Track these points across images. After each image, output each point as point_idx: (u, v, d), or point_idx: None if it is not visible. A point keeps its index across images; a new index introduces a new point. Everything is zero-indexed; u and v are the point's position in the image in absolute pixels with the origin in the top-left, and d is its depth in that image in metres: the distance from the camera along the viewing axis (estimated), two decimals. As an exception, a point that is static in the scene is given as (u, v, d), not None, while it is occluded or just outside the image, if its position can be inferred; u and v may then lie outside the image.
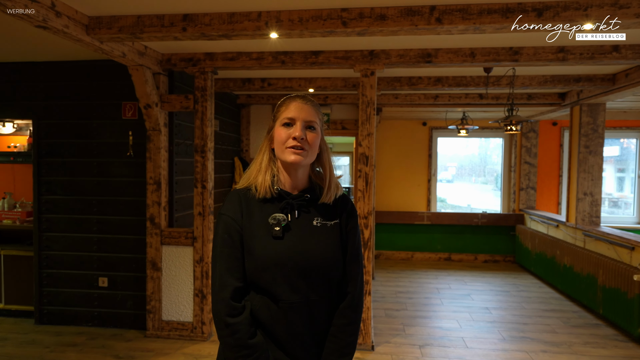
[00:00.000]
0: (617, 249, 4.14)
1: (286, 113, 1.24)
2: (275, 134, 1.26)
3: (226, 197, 1.30)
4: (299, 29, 2.59)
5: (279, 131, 1.25)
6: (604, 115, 4.80)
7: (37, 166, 3.94)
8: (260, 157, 1.29)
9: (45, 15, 2.34)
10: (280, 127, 1.25)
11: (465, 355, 3.45)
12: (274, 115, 1.30)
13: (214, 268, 1.22)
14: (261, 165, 1.27)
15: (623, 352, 3.55)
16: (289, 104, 1.26)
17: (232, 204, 1.25)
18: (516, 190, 6.81)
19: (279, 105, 1.29)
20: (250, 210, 1.23)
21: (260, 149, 1.31)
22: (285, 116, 1.24)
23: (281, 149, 1.24)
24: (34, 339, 3.65)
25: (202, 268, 3.66)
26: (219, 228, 1.24)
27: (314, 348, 1.24)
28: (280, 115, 1.26)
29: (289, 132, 1.23)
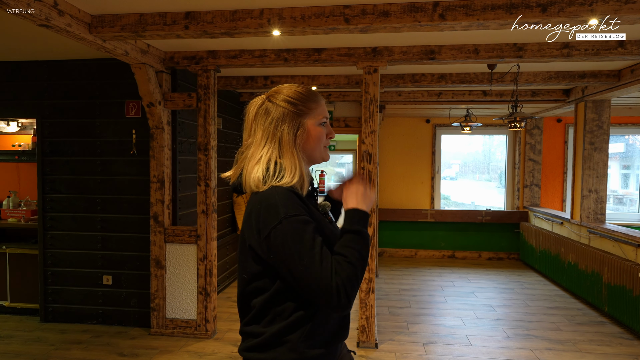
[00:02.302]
0: (623, 246, 4.12)
1: (322, 112, 1.24)
2: (315, 132, 1.22)
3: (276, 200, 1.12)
4: (301, 26, 2.58)
5: (318, 130, 1.23)
6: (609, 111, 4.76)
7: (41, 165, 3.96)
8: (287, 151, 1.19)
9: (48, 14, 2.34)
10: (317, 125, 1.23)
11: (469, 353, 3.44)
12: (297, 109, 1.20)
13: (312, 263, 1.08)
14: (299, 162, 1.20)
15: (628, 349, 3.53)
16: (320, 102, 1.24)
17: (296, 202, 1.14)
18: (520, 187, 6.78)
19: (305, 99, 1.22)
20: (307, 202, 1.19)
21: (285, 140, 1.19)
22: (323, 115, 1.24)
23: (319, 147, 1.24)
24: (39, 337, 3.68)
25: (205, 266, 3.67)
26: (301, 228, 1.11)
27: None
28: (313, 113, 1.22)
29: (326, 131, 1.25)
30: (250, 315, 1.19)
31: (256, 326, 1.18)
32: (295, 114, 1.20)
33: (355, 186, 1.22)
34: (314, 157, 1.25)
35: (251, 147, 1.21)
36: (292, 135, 1.20)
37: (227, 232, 5.29)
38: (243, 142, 1.25)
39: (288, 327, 1.14)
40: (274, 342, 1.15)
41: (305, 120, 1.21)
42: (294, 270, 1.08)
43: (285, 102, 1.20)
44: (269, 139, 1.19)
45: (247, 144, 1.23)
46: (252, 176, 1.17)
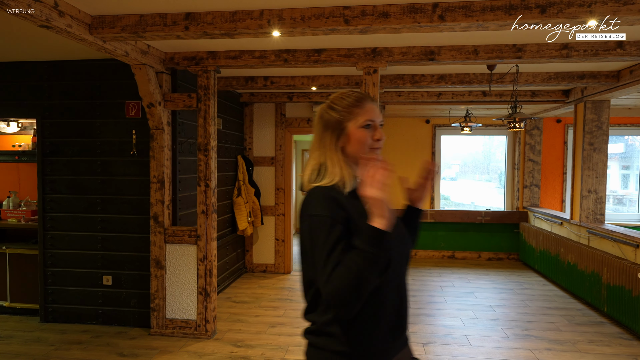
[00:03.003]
0: (622, 247, 4.12)
1: (366, 115, 1.26)
2: (357, 135, 1.26)
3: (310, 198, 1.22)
4: (301, 27, 2.59)
5: (361, 133, 1.26)
6: (608, 112, 4.77)
7: (41, 165, 3.96)
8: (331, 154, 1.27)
9: (49, 15, 2.35)
10: (360, 128, 1.26)
11: (468, 354, 3.45)
12: (340, 114, 1.26)
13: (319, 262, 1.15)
14: (339, 162, 1.26)
15: (627, 350, 3.54)
16: (363, 105, 1.27)
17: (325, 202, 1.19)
18: (520, 187, 6.79)
19: (348, 105, 1.27)
20: (346, 203, 1.22)
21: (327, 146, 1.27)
22: (367, 118, 1.26)
23: (363, 150, 1.26)
24: (39, 337, 3.68)
25: (205, 266, 3.67)
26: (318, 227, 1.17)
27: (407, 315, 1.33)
28: (355, 117, 1.26)
29: (371, 133, 1.27)
30: (307, 305, 1.30)
31: (312, 314, 1.28)
32: (337, 120, 1.27)
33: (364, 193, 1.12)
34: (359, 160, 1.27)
35: (310, 152, 1.34)
36: (335, 139, 1.27)
37: (227, 233, 5.30)
38: None
39: (335, 319, 1.21)
40: (324, 331, 1.24)
41: (348, 124, 1.26)
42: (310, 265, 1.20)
43: (329, 109, 1.29)
44: (319, 143, 1.29)
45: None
46: (304, 177, 1.30)
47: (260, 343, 3.61)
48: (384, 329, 1.23)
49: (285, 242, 5.87)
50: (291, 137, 5.90)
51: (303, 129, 5.80)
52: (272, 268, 5.91)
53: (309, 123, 5.77)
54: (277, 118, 5.81)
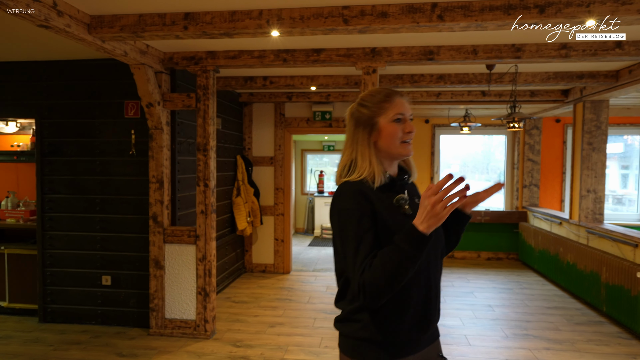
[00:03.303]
0: (621, 246, 4.13)
1: (395, 109, 1.31)
2: (388, 129, 1.31)
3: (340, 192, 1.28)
4: (300, 26, 2.59)
5: (392, 127, 1.31)
6: (607, 112, 4.77)
7: (40, 165, 3.96)
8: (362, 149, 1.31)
9: (47, 15, 2.34)
10: (391, 122, 1.31)
11: (468, 353, 3.45)
12: (370, 110, 1.31)
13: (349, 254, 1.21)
14: (371, 159, 1.31)
15: (626, 349, 3.54)
16: (392, 100, 1.32)
17: (353, 196, 1.25)
18: (519, 187, 6.79)
19: (379, 101, 1.31)
20: (373, 197, 1.26)
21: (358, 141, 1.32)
22: (396, 112, 1.31)
23: (395, 143, 1.31)
24: (38, 337, 3.68)
25: (204, 266, 3.67)
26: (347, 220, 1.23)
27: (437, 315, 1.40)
28: (385, 111, 1.31)
29: (402, 127, 1.31)
30: (338, 293, 1.37)
31: (342, 302, 1.35)
32: (368, 116, 1.32)
33: (427, 201, 1.09)
34: (391, 153, 1.32)
35: (343, 149, 1.38)
36: (367, 135, 1.32)
37: (226, 233, 5.29)
38: None
39: (362, 308, 1.27)
40: (350, 318, 1.31)
41: (379, 119, 1.31)
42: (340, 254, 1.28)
43: (360, 106, 1.34)
44: (351, 140, 1.34)
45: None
46: (337, 173, 1.37)
47: (260, 343, 3.61)
48: (409, 321, 1.28)
49: (284, 242, 5.87)
50: (290, 137, 5.90)
51: (302, 129, 5.79)
52: (272, 268, 5.91)
53: (308, 123, 5.77)
54: (277, 118, 5.81)
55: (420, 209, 1.11)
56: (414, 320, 1.28)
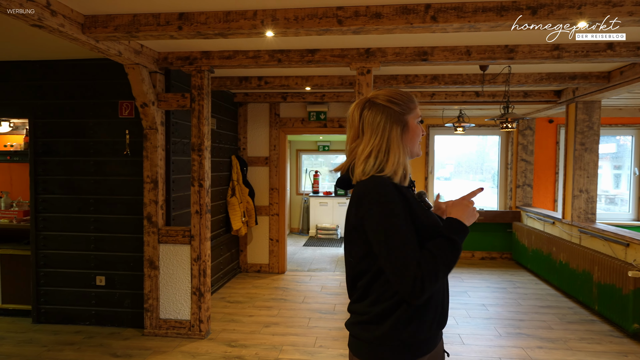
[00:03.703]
0: (612, 246, 4.17)
1: (418, 111, 1.39)
2: (414, 129, 1.37)
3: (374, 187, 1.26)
4: (294, 27, 2.60)
5: (417, 127, 1.38)
6: (599, 112, 4.82)
7: (33, 165, 3.94)
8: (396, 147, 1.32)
9: (41, 14, 2.34)
10: (417, 123, 1.38)
11: (462, 352, 3.48)
12: (401, 108, 1.34)
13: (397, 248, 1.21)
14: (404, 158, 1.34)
15: (618, 347, 3.58)
16: (416, 103, 1.39)
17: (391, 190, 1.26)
18: (513, 187, 6.84)
19: (407, 100, 1.36)
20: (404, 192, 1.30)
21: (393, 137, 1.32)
22: (419, 114, 1.39)
23: (417, 143, 1.39)
24: (32, 338, 3.66)
25: (199, 266, 3.67)
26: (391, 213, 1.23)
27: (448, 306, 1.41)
28: (413, 112, 1.37)
29: (421, 128, 1.40)
30: (356, 295, 1.33)
31: (361, 305, 1.32)
32: (400, 114, 1.34)
33: (467, 201, 1.33)
34: (413, 152, 1.39)
35: (361, 144, 1.34)
36: (400, 132, 1.34)
37: (221, 233, 5.29)
38: (349, 140, 1.39)
39: (390, 309, 1.26)
40: (376, 321, 1.28)
41: (408, 118, 1.36)
42: (381, 251, 1.22)
43: (390, 103, 1.34)
44: (379, 136, 1.32)
45: (356, 142, 1.36)
46: (360, 168, 1.31)
47: (254, 343, 3.61)
48: (431, 318, 1.30)
49: (279, 242, 5.88)
50: (285, 137, 5.90)
51: (297, 129, 5.80)
52: (267, 268, 5.91)
53: (303, 123, 5.78)
54: (271, 118, 5.82)
55: (461, 209, 1.30)
56: (435, 317, 1.31)
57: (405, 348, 1.27)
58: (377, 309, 1.28)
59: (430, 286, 1.18)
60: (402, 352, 1.27)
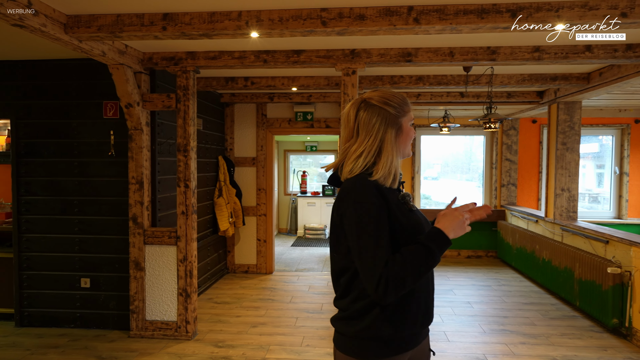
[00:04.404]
0: (593, 243, 4.27)
1: (411, 113, 1.41)
2: (407, 131, 1.40)
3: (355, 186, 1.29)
4: (279, 28, 2.61)
5: (410, 130, 1.41)
6: (580, 113, 4.92)
7: (15, 166, 3.88)
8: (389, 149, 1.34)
9: (22, 14, 2.32)
10: (410, 125, 1.41)
11: (446, 349, 3.52)
12: (396, 110, 1.36)
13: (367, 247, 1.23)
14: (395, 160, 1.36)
15: (598, 342, 3.67)
16: (409, 104, 1.41)
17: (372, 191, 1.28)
18: (498, 186, 6.94)
19: (402, 103, 1.38)
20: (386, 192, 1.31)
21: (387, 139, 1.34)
22: (412, 117, 1.42)
23: (409, 145, 1.42)
24: (15, 342, 3.61)
25: (185, 267, 3.66)
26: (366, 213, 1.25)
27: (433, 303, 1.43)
28: (407, 115, 1.39)
29: (413, 131, 1.42)
30: (340, 291, 1.36)
31: (343, 301, 1.35)
32: (395, 116, 1.36)
33: (458, 213, 1.29)
34: (404, 153, 1.42)
35: (354, 144, 1.36)
36: (394, 134, 1.36)
37: (208, 234, 5.27)
38: (343, 140, 1.41)
39: (370, 305, 1.29)
40: (357, 316, 1.31)
41: (402, 120, 1.38)
42: (353, 249, 1.25)
43: (387, 105, 1.36)
44: (372, 137, 1.34)
45: (349, 142, 1.38)
46: (349, 167, 1.34)
47: (241, 343, 3.62)
48: (414, 316, 1.32)
49: (267, 243, 5.88)
50: (272, 137, 5.91)
51: (284, 129, 5.81)
52: (254, 268, 5.91)
53: (290, 123, 5.79)
54: (258, 118, 5.82)
55: (449, 220, 1.27)
56: (418, 315, 1.33)
57: (387, 343, 1.29)
58: (358, 306, 1.31)
59: (394, 290, 1.20)
60: (383, 348, 1.29)
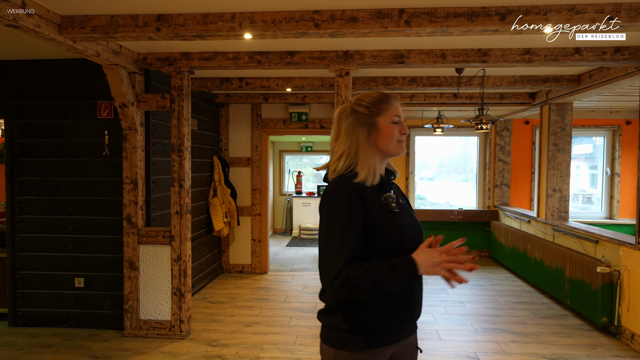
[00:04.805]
0: (583, 243, 4.32)
1: (393, 111, 1.40)
2: (386, 129, 1.40)
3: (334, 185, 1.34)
4: (272, 30, 2.64)
5: (391, 127, 1.40)
6: (571, 114, 4.98)
7: (9, 166, 3.89)
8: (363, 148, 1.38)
9: (16, 14, 2.33)
10: (390, 123, 1.40)
11: (438, 347, 3.56)
12: (371, 110, 1.40)
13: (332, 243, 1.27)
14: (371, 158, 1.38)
15: (587, 340, 3.72)
16: (391, 103, 1.41)
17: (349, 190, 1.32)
18: (491, 187, 7.00)
19: (377, 102, 1.40)
20: (366, 195, 1.33)
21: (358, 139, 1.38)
22: (394, 114, 1.40)
23: (392, 142, 1.40)
24: (8, 341, 3.61)
25: (179, 267, 3.68)
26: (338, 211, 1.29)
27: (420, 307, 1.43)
28: (386, 113, 1.40)
29: (398, 128, 1.41)
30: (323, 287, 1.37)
31: (326, 295, 1.39)
32: (368, 115, 1.40)
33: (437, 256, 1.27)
34: (388, 151, 1.41)
35: (337, 146, 1.42)
36: (366, 134, 1.39)
37: (202, 234, 5.29)
38: (332, 141, 1.47)
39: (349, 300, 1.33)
40: (337, 310, 1.36)
41: (378, 119, 1.39)
42: (320, 243, 1.31)
43: (360, 107, 1.41)
44: (348, 139, 1.40)
45: (335, 143, 1.43)
46: (332, 168, 1.41)
47: (235, 342, 3.64)
48: (394, 312, 1.34)
49: (261, 243, 5.90)
50: (267, 137, 5.93)
51: (279, 129, 5.84)
52: (249, 268, 5.93)
53: (285, 124, 5.82)
54: (253, 119, 5.84)
55: (426, 258, 1.27)
56: (398, 311, 1.35)
57: (367, 337, 1.33)
58: (335, 299, 1.36)
59: (348, 291, 1.23)
60: (363, 340, 1.33)
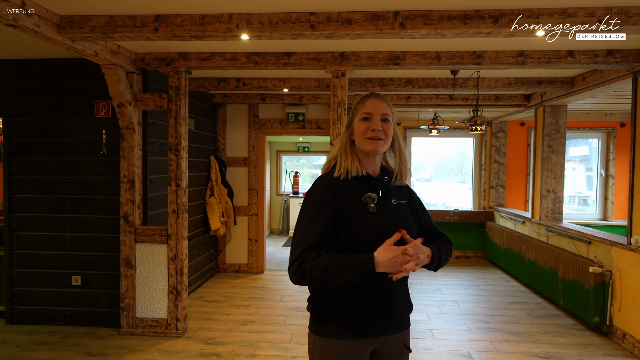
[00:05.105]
0: (576, 243, 4.37)
1: (364, 109, 1.44)
2: (356, 127, 1.46)
3: (314, 183, 1.46)
4: (269, 31, 2.68)
5: (360, 125, 1.45)
6: (565, 116, 5.04)
7: (7, 165, 3.91)
8: (342, 147, 1.48)
9: (15, 14, 2.36)
10: (359, 121, 1.45)
11: (432, 346, 3.60)
12: (352, 112, 1.50)
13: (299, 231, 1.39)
14: (346, 153, 1.46)
15: (579, 339, 3.77)
16: (365, 102, 1.46)
17: (323, 187, 1.42)
18: (486, 188, 7.05)
19: (356, 103, 1.49)
20: (343, 192, 1.40)
21: (342, 140, 1.50)
22: (364, 111, 1.44)
23: (361, 139, 1.44)
24: (5, 339, 3.63)
25: (176, 265, 3.70)
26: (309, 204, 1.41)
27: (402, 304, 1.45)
28: (358, 112, 1.46)
29: (368, 125, 1.43)
30: None
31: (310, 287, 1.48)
32: (350, 118, 1.50)
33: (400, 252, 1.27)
34: (362, 149, 1.46)
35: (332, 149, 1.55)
36: (348, 134, 1.49)
37: (199, 233, 5.31)
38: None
39: (317, 290, 1.44)
40: (313, 298, 1.46)
41: (354, 119, 1.47)
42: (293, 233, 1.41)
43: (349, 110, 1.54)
44: (339, 141, 1.52)
45: None
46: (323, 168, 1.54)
47: (231, 340, 3.66)
48: (371, 305, 1.38)
49: (258, 242, 5.93)
50: (264, 138, 5.96)
51: (276, 130, 5.87)
52: (245, 268, 5.96)
53: (282, 124, 5.86)
54: (250, 119, 5.87)
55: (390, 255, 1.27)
56: (375, 304, 1.39)
57: (345, 326, 1.39)
58: (316, 290, 1.45)
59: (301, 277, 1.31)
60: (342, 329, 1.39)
